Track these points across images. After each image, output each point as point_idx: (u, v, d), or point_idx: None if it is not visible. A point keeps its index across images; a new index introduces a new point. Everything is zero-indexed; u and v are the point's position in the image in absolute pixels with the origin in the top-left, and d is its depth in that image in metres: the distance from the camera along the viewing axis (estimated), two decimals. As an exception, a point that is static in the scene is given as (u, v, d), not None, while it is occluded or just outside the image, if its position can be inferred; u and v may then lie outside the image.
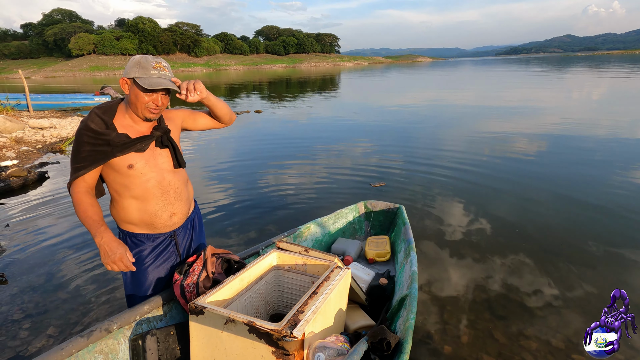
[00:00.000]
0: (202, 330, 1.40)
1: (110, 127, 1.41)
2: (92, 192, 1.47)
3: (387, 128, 8.85)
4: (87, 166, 1.40)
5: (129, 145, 1.43)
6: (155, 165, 1.51)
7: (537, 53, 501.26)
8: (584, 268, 2.80)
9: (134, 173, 1.45)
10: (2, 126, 7.89)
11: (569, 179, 4.76)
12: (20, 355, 2.10)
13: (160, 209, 1.54)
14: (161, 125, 1.54)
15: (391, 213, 3.00)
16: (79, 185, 1.42)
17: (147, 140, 1.48)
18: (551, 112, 10.17)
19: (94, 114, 1.43)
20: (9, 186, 4.91)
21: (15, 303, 2.57)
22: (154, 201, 1.52)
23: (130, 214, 1.52)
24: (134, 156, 1.45)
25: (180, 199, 1.61)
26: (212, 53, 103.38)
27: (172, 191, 1.56)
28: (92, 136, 1.39)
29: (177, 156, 1.57)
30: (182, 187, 1.62)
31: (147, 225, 1.56)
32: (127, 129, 1.46)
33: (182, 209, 1.63)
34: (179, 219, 1.63)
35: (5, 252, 3.27)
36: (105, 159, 1.40)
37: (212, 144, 7.73)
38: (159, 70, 1.40)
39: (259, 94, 20.95)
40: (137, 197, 1.49)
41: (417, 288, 1.84)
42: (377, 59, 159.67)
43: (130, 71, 1.39)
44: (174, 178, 1.57)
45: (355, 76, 39.83)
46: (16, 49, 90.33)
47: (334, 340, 1.34)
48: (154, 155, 1.51)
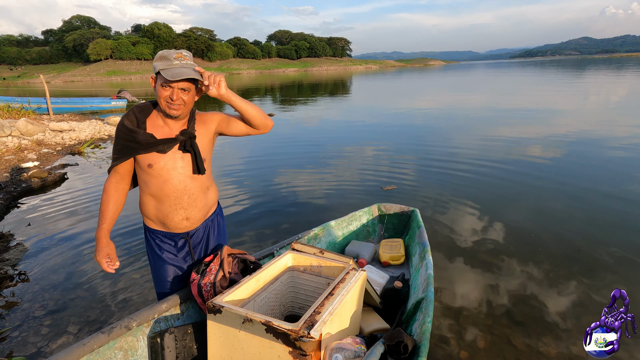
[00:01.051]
0: (220, 329, 1.41)
1: (140, 125, 1.47)
2: (123, 183, 1.56)
3: (399, 131, 8.81)
4: (119, 158, 1.49)
5: (152, 145, 1.47)
6: (174, 168, 1.52)
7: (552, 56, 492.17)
8: (603, 274, 2.72)
9: (152, 172, 1.50)
10: (24, 129, 8.14)
11: (585, 184, 4.64)
12: (41, 351, 2.16)
13: (172, 211, 1.57)
14: (188, 129, 1.53)
15: (405, 216, 2.98)
16: (113, 175, 1.54)
17: (170, 143, 1.49)
18: (567, 116, 9.97)
19: (131, 112, 1.51)
20: (30, 187, 5.06)
21: (36, 300, 2.64)
22: (167, 203, 1.55)
23: (148, 209, 1.59)
24: (154, 156, 1.49)
25: (194, 205, 1.60)
26: (225, 57, 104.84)
27: (186, 196, 1.57)
28: (124, 132, 1.47)
29: (198, 162, 1.55)
30: (199, 194, 1.61)
31: (161, 223, 1.61)
32: (156, 129, 1.50)
33: (196, 215, 1.63)
34: (191, 223, 1.64)
35: (27, 250, 3.36)
36: (131, 153, 1.48)
37: (225, 146, 7.81)
38: (180, 60, 1.41)
39: (271, 97, 21.12)
40: (153, 195, 1.55)
41: (434, 292, 1.83)
42: (389, 63, 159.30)
43: (156, 66, 1.42)
44: (191, 183, 1.57)
45: (367, 80, 39.80)
46: (37, 54, 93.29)
47: (351, 342, 1.33)
48: (174, 159, 1.52)
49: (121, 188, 1.55)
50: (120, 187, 1.55)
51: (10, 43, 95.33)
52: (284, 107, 15.64)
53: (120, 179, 1.55)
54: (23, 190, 4.92)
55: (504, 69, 62.88)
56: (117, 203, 1.54)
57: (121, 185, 1.55)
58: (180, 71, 1.38)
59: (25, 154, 6.84)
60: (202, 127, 1.60)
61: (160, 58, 1.42)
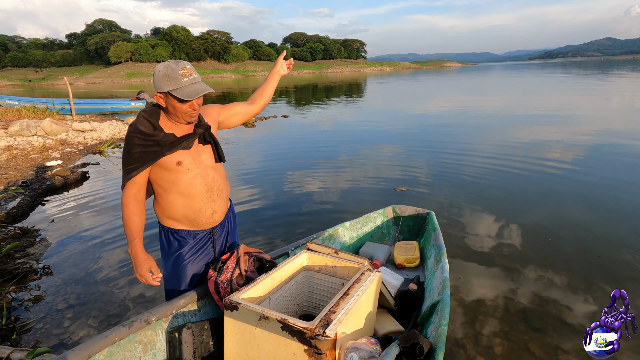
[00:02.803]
0: (236, 326, 1.43)
1: (157, 128, 1.49)
2: (141, 194, 1.52)
3: (413, 134, 8.74)
4: (139, 167, 1.45)
5: (177, 143, 1.49)
6: (200, 162, 1.57)
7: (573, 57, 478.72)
8: (624, 281, 2.64)
9: (182, 169, 1.52)
10: (49, 129, 8.44)
11: (605, 188, 4.51)
12: (63, 342, 2.23)
13: (204, 206, 1.60)
14: (202, 123, 1.58)
15: (420, 218, 2.96)
16: (130, 188, 1.48)
17: (192, 137, 1.54)
18: (589, 119, 9.69)
19: (142, 117, 1.50)
20: (54, 184, 5.24)
21: (59, 294, 2.73)
22: (199, 197, 1.58)
23: (175, 209, 1.58)
24: (181, 153, 1.51)
25: (222, 196, 1.67)
26: (241, 60, 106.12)
27: (215, 188, 1.62)
28: (142, 138, 1.45)
29: (219, 151, 1.63)
30: (224, 184, 1.69)
31: (189, 222, 1.62)
32: (172, 129, 1.53)
33: (223, 206, 1.69)
34: (219, 217, 1.69)
35: (50, 246, 3.48)
36: (155, 158, 1.46)
37: (240, 147, 7.91)
38: (188, 77, 1.41)
39: (285, 99, 21.26)
40: (183, 193, 1.55)
41: (450, 295, 1.81)
42: (404, 65, 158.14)
43: (162, 85, 1.40)
44: (216, 174, 1.63)
45: (382, 82, 39.62)
46: (61, 57, 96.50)
47: (366, 342, 1.33)
48: (198, 152, 1.57)
49: (141, 198, 1.51)
50: (140, 197, 1.51)
51: (36, 46, 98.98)
52: (299, 108, 15.72)
53: (139, 190, 1.50)
54: (47, 188, 5.10)
55: (522, 70, 61.58)
56: (142, 215, 1.50)
57: (140, 195, 1.51)
58: (195, 89, 1.42)
59: (49, 153, 7.09)
60: (208, 119, 1.65)
61: (165, 77, 1.39)
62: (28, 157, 6.68)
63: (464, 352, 2.06)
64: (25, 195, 4.61)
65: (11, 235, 3.56)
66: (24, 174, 5.65)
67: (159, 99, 1.45)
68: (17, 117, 10.43)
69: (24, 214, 4.25)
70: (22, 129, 8.08)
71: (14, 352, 1.96)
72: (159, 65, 1.43)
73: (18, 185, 5.05)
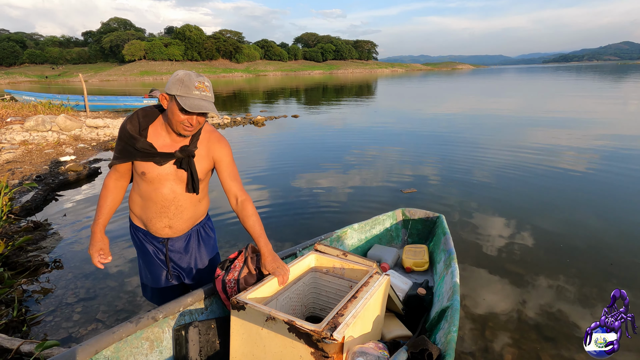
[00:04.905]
0: (243, 326, 1.42)
1: (142, 132, 1.46)
2: (122, 181, 1.59)
3: (423, 136, 8.66)
4: (119, 158, 1.50)
5: (149, 156, 1.46)
6: (167, 180, 1.51)
7: (589, 61, 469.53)
8: (636, 290, 2.56)
9: (145, 179, 1.51)
10: (63, 124, 8.59)
11: (619, 195, 4.40)
12: (72, 336, 2.25)
13: (155, 217, 1.58)
14: (189, 147, 1.49)
15: (430, 222, 2.92)
16: (113, 172, 1.56)
17: (168, 157, 1.48)
18: (604, 124, 9.48)
19: (135, 116, 1.48)
20: (67, 179, 5.32)
21: (69, 287, 2.76)
22: (152, 209, 1.56)
23: (135, 208, 1.63)
24: (150, 166, 1.48)
25: (180, 216, 1.59)
26: (252, 59, 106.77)
27: (173, 208, 1.56)
28: (126, 135, 1.46)
29: (194, 182, 1.52)
30: (188, 206, 1.60)
31: (143, 223, 1.65)
32: (157, 138, 1.48)
33: (180, 225, 1.63)
34: (173, 232, 1.63)
35: (62, 239, 3.53)
36: (130, 158, 1.48)
37: (250, 146, 7.94)
38: (200, 91, 1.37)
39: (295, 99, 21.30)
40: (142, 197, 1.57)
41: (459, 300, 1.77)
42: (416, 66, 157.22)
43: (173, 87, 1.37)
44: (182, 197, 1.56)
45: (392, 83, 39.42)
46: (77, 54, 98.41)
47: (373, 347, 1.31)
48: (169, 171, 1.50)
49: (120, 185, 1.58)
50: (119, 184, 1.57)
51: (53, 44, 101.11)
52: (308, 109, 15.72)
53: (120, 177, 1.56)
54: (60, 183, 5.18)
55: (536, 73, 60.63)
56: (115, 199, 1.58)
57: (120, 182, 1.57)
58: (200, 104, 1.36)
59: (63, 148, 7.21)
60: (204, 149, 1.55)
61: (179, 82, 1.36)
62: (42, 152, 6.81)
63: (473, 359, 2.02)
64: (39, 190, 4.69)
65: (24, 228, 3.62)
66: (38, 168, 5.75)
67: (164, 99, 1.44)
68: (33, 112, 10.65)
69: (37, 207, 4.33)
70: (37, 124, 8.24)
71: (24, 344, 1.98)
72: (181, 70, 1.42)
73: (32, 180, 5.15)
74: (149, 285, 1.79)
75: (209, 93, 1.41)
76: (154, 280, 1.75)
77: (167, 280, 1.75)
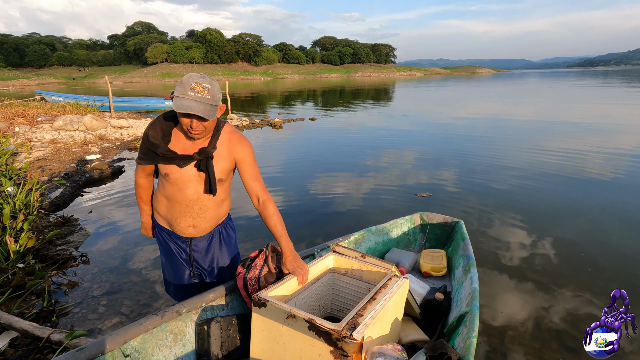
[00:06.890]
0: (264, 323, 1.46)
1: (164, 137, 1.50)
2: (150, 177, 1.72)
3: (441, 140, 8.56)
4: (143, 159, 1.58)
5: (171, 159, 1.51)
6: (190, 180, 1.56)
7: (617, 65, 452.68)
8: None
9: (169, 180, 1.57)
10: (90, 124, 8.92)
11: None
12: (98, 327, 2.34)
13: (179, 217, 1.63)
14: (207, 148, 1.52)
15: (449, 227, 2.89)
16: (140, 171, 1.68)
17: (188, 160, 1.51)
18: (632, 130, 9.14)
19: (158, 121, 1.53)
20: (92, 177, 5.53)
21: (95, 281, 2.87)
22: (177, 208, 1.61)
23: (159, 207, 1.70)
24: (172, 168, 1.53)
25: (203, 216, 1.64)
26: (270, 62, 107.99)
27: (197, 207, 1.61)
28: (148, 141, 1.52)
29: (211, 183, 1.55)
30: (211, 206, 1.64)
31: (168, 223, 1.70)
32: (179, 141, 1.52)
33: (204, 225, 1.67)
34: (197, 231, 1.68)
35: (88, 235, 3.67)
36: (152, 161, 1.56)
37: (267, 147, 8.03)
38: (195, 92, 1.33)
39: (312, 102, 21.41)
40: (167, 197, 1.63)
41: (479, 306, 1.76)
42: (435, 70, 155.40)
43: (175, 89, 1.38)
44: (205, 197, 1.60)
45: (410, 87, 39.10)
46: (103, 57, 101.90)
47: (392, 348, 1.32)
48: (191, 173, 1.55)
49: (150, 179, 1.73)
50: (150, 179, 1.73)
51: (80, 46, 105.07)
52: (326, 112, 15.78)
53: (147, 175, 1.70)
54: (87, 180, 5.38)
55: (560, 78, 58.93)
56: (149, 192, 1.77)
57: (150, 178, 1.72)
58: (189, 105, 1.32)
59: (89, 147, 7.49)
60: (225, 149, 1.57)
61: (180, 83, 1.36)
62: (70, 150, 7.08)
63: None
64: (67, 186, 4.89)
65: (54, 223, 3.79)
66: (66, 166, 5.99)
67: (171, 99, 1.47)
68: (62, 112, 11.09)
69: (65, 203, 4.51)
70: (66, 124, 8.59)
71: (53, 334, 2.08)
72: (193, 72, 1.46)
73: (61, 177, 5.37)
74: (172, 283, 1.85)
75: (207, 95, 1.35)
76: (177, 278, 1.81)
77: (190, 278, 1.80)
